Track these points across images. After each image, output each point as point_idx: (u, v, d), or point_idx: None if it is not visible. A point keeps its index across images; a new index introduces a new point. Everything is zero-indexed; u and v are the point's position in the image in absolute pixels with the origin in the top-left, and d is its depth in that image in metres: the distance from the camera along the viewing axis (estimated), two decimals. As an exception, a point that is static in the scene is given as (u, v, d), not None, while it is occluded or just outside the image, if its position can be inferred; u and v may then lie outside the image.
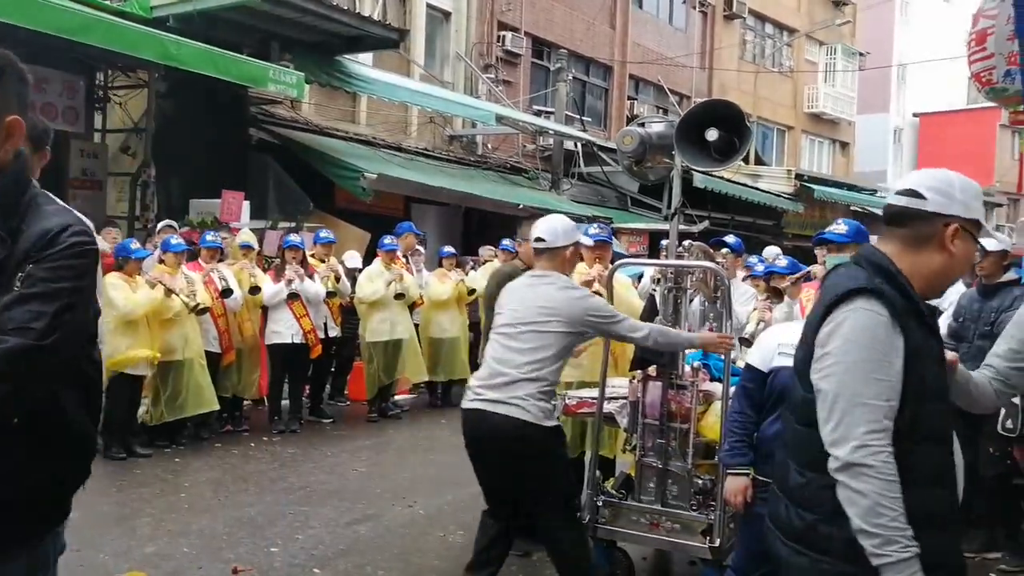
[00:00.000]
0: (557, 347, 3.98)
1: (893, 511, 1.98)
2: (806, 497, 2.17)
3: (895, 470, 2.00)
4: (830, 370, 2.08)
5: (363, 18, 12.27)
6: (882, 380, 2.03)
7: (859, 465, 2.00)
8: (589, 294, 4.27)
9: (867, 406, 2.02)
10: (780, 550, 2.24)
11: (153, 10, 9.78)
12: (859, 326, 2.06)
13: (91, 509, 5.75)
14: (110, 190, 11.12)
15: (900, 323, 2.05)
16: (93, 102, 10.89)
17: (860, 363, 2.05)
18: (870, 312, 2.06)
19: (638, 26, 21.99)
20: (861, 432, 2.01)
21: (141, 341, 7.04)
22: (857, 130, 31.53)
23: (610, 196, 18.74)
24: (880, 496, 1.98)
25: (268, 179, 11.98)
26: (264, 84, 9.77)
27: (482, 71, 17.27)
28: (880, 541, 1.97)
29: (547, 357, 3.95)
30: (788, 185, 21.47)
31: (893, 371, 2.04)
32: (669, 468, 4.33)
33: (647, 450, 4.39)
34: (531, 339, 3.97)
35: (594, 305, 4.10)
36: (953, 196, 2.14)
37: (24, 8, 7.44)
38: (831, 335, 2.11)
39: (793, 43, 28.03)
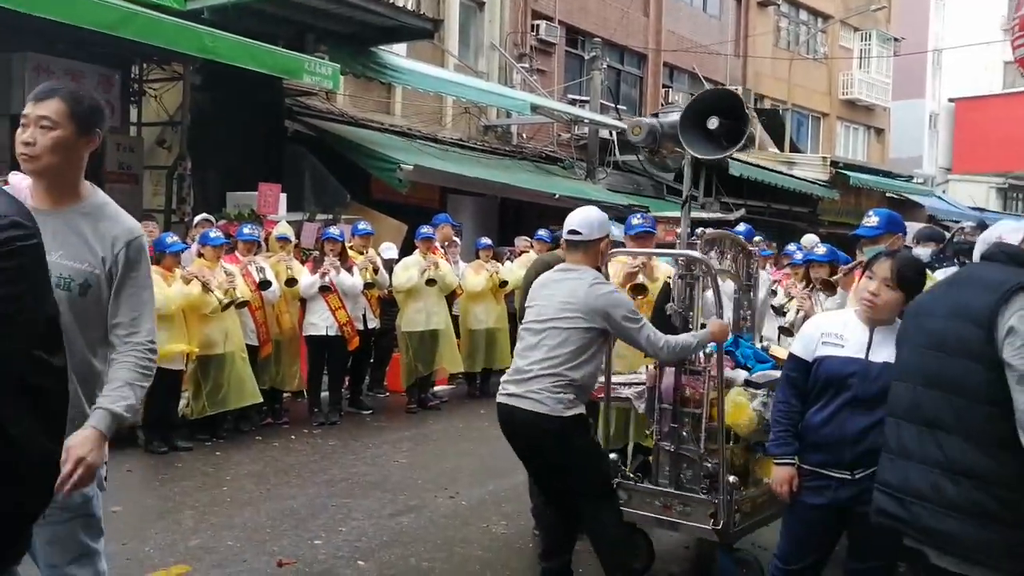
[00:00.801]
0: (578, 343, 3.95)
1: None
2: (1007, 475, 2.49)
3: None
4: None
5: (397, 8, 12.19)
6: None
7: None
8: (615, 290, 4.19)
9: None
10: (942, 527, 2.55)
11: (188, 3, 9.77)
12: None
13: (135, 503, 5.76)
14: (146, 184, 11.16)
15: None
16: (129, 96, 10.93)
17: None
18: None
19: (672, 14, 21.77)
20: None
21: (176, 335, 7.03)
22: (892, 116, 31.04)
23: (646, 184, 18.58)
24: None
25: (304, 171, 11.98)
26: (300, 76, 9.72)
27: (516, 60, 17.16)
28: None
29: (566, 353, 3.94)
30: (823, 172, 21.21)
31: None
32: (682, 452, 4.40)
33: (663, 435, 4.46)
34: (552, 336, 3.98)
35: (617, 302, 4.03)
36: None
37: (62, 3, 7.44)
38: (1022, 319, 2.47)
39: (828, 29, 27.63)
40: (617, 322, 3.98)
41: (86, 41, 9.05)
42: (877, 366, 3.20)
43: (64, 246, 2.52)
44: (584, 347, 3.97)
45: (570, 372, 3.94)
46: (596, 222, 4.20)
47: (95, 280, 2.55)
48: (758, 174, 18.42)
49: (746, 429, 4.36)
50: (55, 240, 2.45)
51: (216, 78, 10.47)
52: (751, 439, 4.51)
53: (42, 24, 7.84)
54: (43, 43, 9.48)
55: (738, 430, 4.38)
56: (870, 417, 3.15)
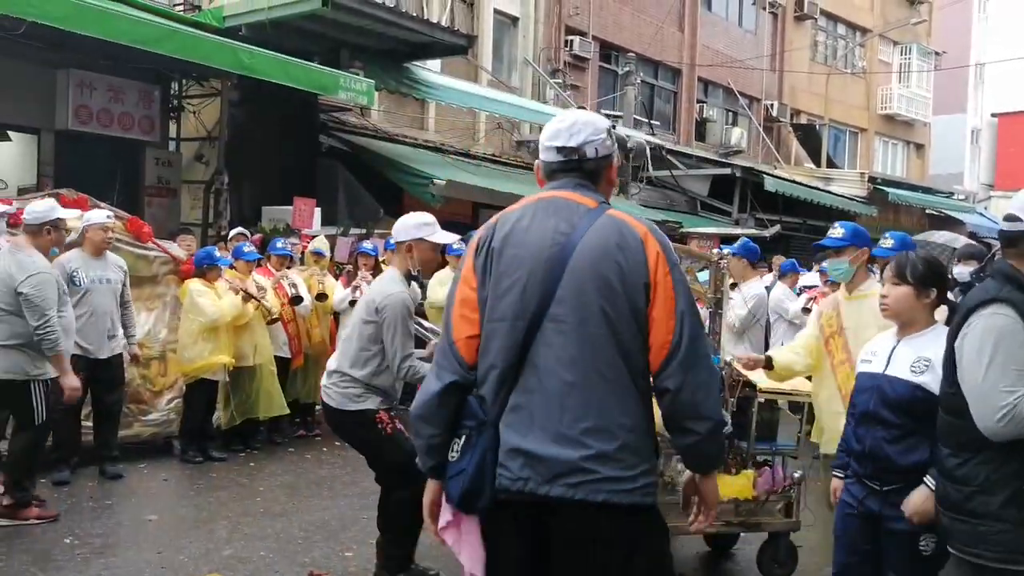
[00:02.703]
0: (362, 340, 4.37)
1: None
2: (963, 474, 2.69)
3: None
4: (967, 368, 2.60)
5: (431, 25, 12.31)
6: (1016, 370, 2.52)
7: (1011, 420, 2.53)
8: (400, 292, 4.37)
9: (1002, 392, 2.51)
10: (942, 520, 2.79)
11: (225, 20, 9.94)
12: (988, 328, 2.54)
13: (170, 512, 5.83)
14: (184, 197, 11.34)
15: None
16: (168, 111, 11.12)
17: (994, 358, 2.54)
18: (997, 316, 2.53)
19: (707, 28, 21.72)
20: (998, 405, 2.52)
21: (222, 347, 7.10)
22: (933, 131, 30.62)
23: (679, 200, 18.51)
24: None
25: (338, 186, 12.08)
26: (335, 92, 9.84)
27: (550, 76, 17.21)
28: None
29: (352, 350, 4.41)
30: (861, 188, 21.01)
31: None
32: None
33: None
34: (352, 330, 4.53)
35: (393, 304, 4.33)
36: None
37: (104, 21, 7.62)
38: (964, 338, 2.62)
39: (866, 43, 27.39)
40: (383, 320, 4.27)
41: (127, 58, 9.23)
42: (892, 380, 3.14)
43: None
44: (367, 345, 4.32)
45: (352, 370, 4.34)
46: (401, 228, 4.47)
47: None
48: (794, 190, 18.28)
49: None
50: None
51: (253, 94, 10.62)
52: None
53: (85, 41, 8.03)
54: (86, 60, 9.69)
55: None
56: (886, 432, 3.11)
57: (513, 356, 2.32)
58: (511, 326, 2.33)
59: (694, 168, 18.40)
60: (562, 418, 2.28)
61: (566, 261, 2.31)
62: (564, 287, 2.30)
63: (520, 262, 2.35)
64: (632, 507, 2.29)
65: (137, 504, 5.92)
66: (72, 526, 5.34)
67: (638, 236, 2.32)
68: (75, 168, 9.55)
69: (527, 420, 2.30)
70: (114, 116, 10.25)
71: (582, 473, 2.25)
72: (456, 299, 2.44)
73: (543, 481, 2.27)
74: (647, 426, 2.36)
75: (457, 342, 2.41)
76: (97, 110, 10.04)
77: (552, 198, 2.43)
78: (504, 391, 2.34)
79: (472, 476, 2.32)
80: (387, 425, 4.42)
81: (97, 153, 10.28)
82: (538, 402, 2.30)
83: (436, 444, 2.42)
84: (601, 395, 2.28)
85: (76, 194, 6.79)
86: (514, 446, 2.30)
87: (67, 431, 6.22)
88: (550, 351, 2.30)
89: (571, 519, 2.29)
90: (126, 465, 6.62)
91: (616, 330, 2.28)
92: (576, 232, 2.33)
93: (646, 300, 2.30)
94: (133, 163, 10.68)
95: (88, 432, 6.55)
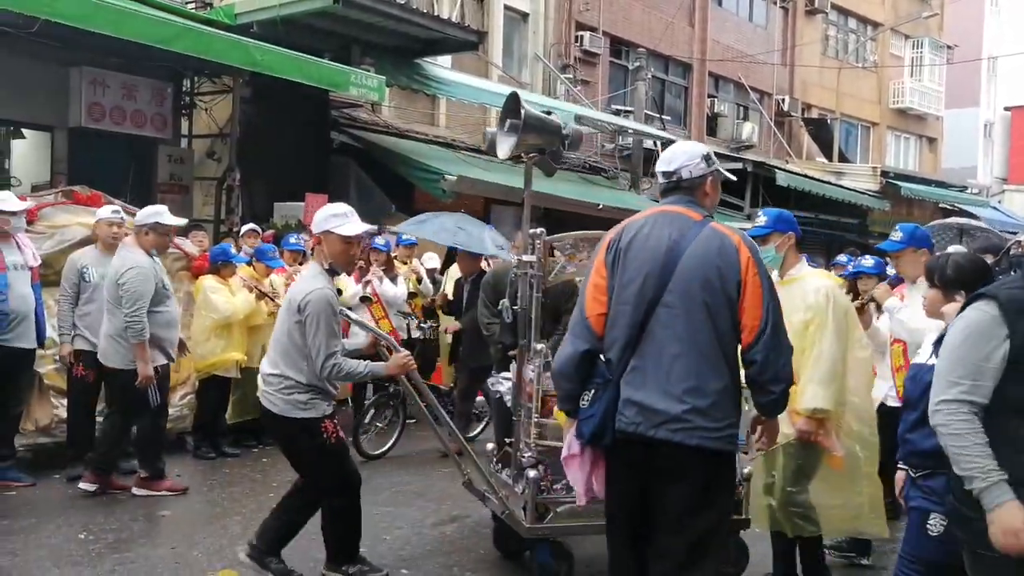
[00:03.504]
0: (293, 340, 4.20)
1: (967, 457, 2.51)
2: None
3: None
4: (940, 355, 2.71)
5: (442, 21, 12.31)
6: (970, 363, 2.54)
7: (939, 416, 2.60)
8: (324, 287, 4.20)
9: (952, 384, 2.56)
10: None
11: (237, 17, 9.96)
12: (964, 323, 2.59)
13: (185, 507, 5.85)
14: (196, 194, 11.37)
15: (1010, 320, 2.50)
16: (180, 108, 11.16)
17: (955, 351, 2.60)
18: (977, 311, 2.57)
19: (717, 23, 21.66)
20: (940, 399, 2.58)
21: (235, 344, 7.12)
22: (945, 125, 30.46)
23: (690, 196, 18.45)
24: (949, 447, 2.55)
25: (349, 182, 12.11)
26: (346, 88, 9.85)
27: (560, 71, 17.19)
28: (967, 482, 2.51)
29: (281, 349, 4.29)
30: (873, 183, 20.93)
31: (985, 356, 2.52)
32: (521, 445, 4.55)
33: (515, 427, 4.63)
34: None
35: (316, 301, 4.18)
36: None
37: (117, 19, 7.64)
38: (951, 328, 2.72)
39: (878, 37, 27.25)
40: (305, 318, 4.10)
41: (140, 55, 9.26)
42: (923, 368, 3.21)
43: None
44: (301, 344, 4.15)
45: (293, 373, 4.19)
46: (317, 218, 4.30)
47: None
48: (806, 184, 18.23)
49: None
50: None
51: (265, 91, 10.64)
52: None
53: (97, 39, 8.05)
54: (99, 58, 9.72)
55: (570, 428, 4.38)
56: (912, 415, 3.18)
57: (634, 331, 3.06)
58: (633, 309, 3.07)
59: (705, 163, 18.32)
60: (668, 379, 3.01)
61: (677, 261, 3.04)
62: (675, 281, 3.02)
63: (642, 260, 3.08)
64: (716, 451, 3.03)
65: (150, 500, 5.95)
66: (86, 521, 5.37)
67: (734, 244, 3.04)
68: (88, 165, 9.60)
69: (641, 379, 3.04)
70: (127, 113, 10.29)
71: (681, 422, 2.97)
72: (589, 285, 3.20)
73: (651, 426, 3.01)
74: (733, 390, 3.07)
75: (590, 318, 3.16)
76: (110, 107, 10.08)
77: (666, 212, 3.19)
78: (625, 357, 3.08)
79: (599, 420, 3.07)
80: (332, 435, 4.29)
81: (110, 150, 10.33)
82: (651, 366, 3.03)
83: (573, 394, 3.18)
84: (699, 364, 3.00)
85: (89, 191, 6.83)
86: (631, 398, 3.05)
87: (82, 429, 6.27)
88: (662, 329, 3.03)
89: (669, 457, 3.02)
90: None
91: (713, 316, 3.00)
92: (685, 239, 3.06)
93: (738, 293, 3.01)
94: (146, 160, 10.72)
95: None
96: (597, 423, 3.08)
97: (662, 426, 2.98)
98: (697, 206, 3.20)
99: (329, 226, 4.20)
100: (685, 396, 2.98)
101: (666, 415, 2.98)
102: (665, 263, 3.04)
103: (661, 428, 2.98)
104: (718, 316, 3.01)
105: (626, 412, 3.04)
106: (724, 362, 3.04)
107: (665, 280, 3.03)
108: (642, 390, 3.02)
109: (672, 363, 3.00)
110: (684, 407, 2.97)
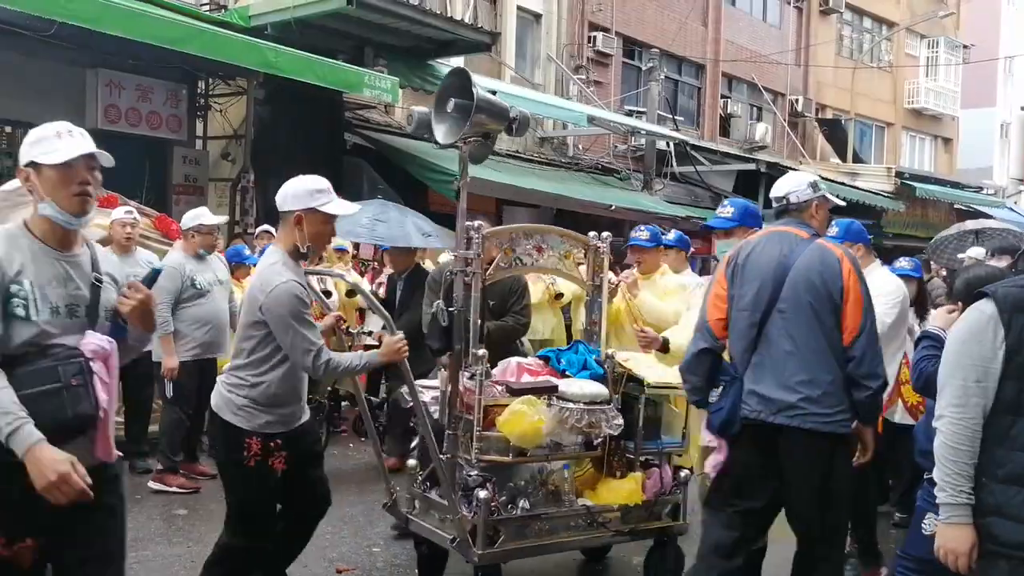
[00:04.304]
0: (252, 343, 3.63)
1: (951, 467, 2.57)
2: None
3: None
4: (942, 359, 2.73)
5: (455, 22, 12.34)
6: (973, 364, 2.55)
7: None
8: (288, 280, 3.53)
9: (959, 389, 2.57)
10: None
11: (251, 19, 10.02)
12: (965, 323, 2.64)
13: (200, 506, 5.89)
14: (211, 195, 11.42)
15: (1007, 318, 2.51)
16: (195, 110, 11.22)
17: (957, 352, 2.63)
18: (975, 311, 2.60)
19: (731, 23, 21.61)
20: (950, 405, 2.59)
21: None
22: (961, 126, 30.30)
23: (703, 196, 18.42)
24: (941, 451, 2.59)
25: (363, 183, 12.13)
26: (360, 90, 9.89)
27: (573, 72, 17.19)
28: (938, 488, 2.59)
29: (243, 352, 3.69)
30: (888, 183, 20.81)
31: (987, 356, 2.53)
32: (459, 461, 4.08)
33: (447, 441, 4.14)
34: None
35: (279, 297, 3.53)
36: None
37: (132, 21, 7.70)
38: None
39: (893, 37, 27.12)
40: (272, 321, 3.49)
41: (155, 57, 9.32)
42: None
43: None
44: (258, 347, 3.58)
45: (246, 373, 3.59)
46: (291, 191, 3.68)
47: None
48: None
49: (528, 441, 4.01)
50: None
51: (279, 92, 10.68)
52: (551, 455, 4.20)
53: (113, 42, 8.11)
54: (114, 60, 9.79)
55: (518, 441, 4.00)
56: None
57: (753, 333, 3.53)
58: (751, 314, 3.53)
59: (718, 164, 18.32)
60: (784, 373, 3.45)
61: (787, 273, 3.48)
62: (786, 290, 3.47)
63: (757, 273, 3.54)
64: (829, 434, 3.41)
65: (167, 498, 5.99)
66: (103, 520, 5.40)
67: (836, 256, 3.48)
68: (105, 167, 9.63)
69: (761, 374, 3.50)
70: (142, 115, 10.36)
71: (796, 409, 3.40)
72: (711, 295, 3.68)
73: (770, 413, 3.45)
74: (841, 381, 3.43)
75: (711, 322, 3.62)
76: (126, 109, 10.16)
77: (777, 231, 3.66)
78: (747, 356, 3.55)
79: (727, 413, 3.54)
80: (253, 456, 3.57)
81: (126, 152, 10.25)
82: (768, 363, 3.49)
83: (698, 386, 3.65)
84: (809, 360, 3.42)
85: (105, 192, 6.87)
86: (753, 390, 3.51)
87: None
88: (776, 331, 3.49)
89: (789, 440, 3.44)
90: (156, 460, 6.69)
91: (820, 318, 3.42)
92: (794, 254, 3.51)
93: (841, 299, 3.41)
94: (161, 161, 10.79)
95: (119, 427, 6.63)
96: (726, 415, 3.54)
97: (779, 413, 3.42)
98: (805, 226, 3.63)
99: (315, 203, 3.61)
100: (799, 387, 3.40)
101: (783, 403, 3.42)
102: (777, 274, 3.48)
103: (779, 415, 3.42)
104: (824, 319, 3.42)
105: (749, 402, 3.50)
106: (832, 358, 3.42)
107: (777, 289, 3.47)
108: (762, 383, 3.48)
109: (786, 359, 3.44)
110: (798, 396, 3.39)
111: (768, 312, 3.49)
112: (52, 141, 2.71)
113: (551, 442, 4.07)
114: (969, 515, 2.53)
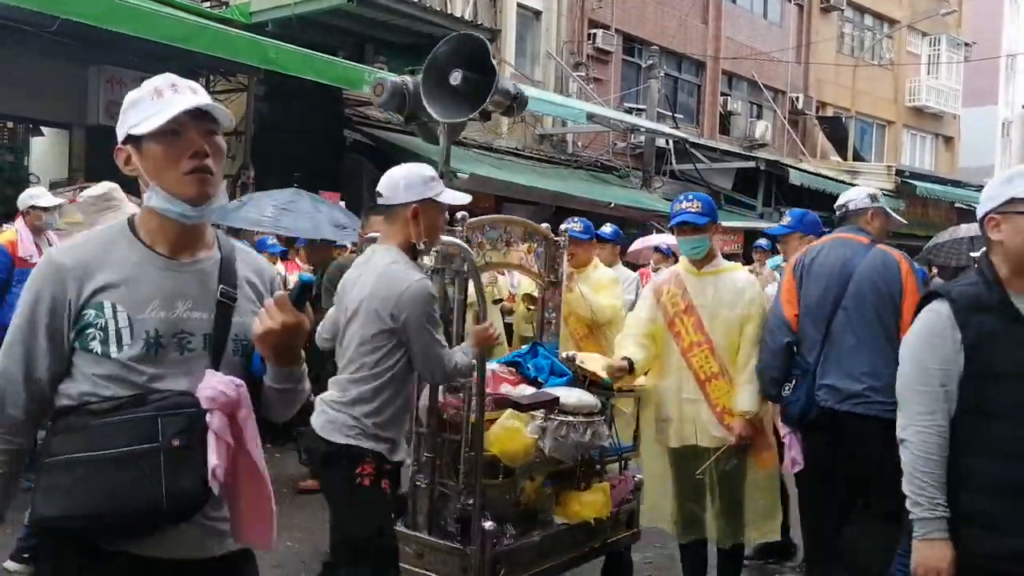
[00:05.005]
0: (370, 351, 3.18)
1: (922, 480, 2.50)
2: None
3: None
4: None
5: (455, 19, 12.36)
6: (936, 369, 2.51)
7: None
8: (422, 277, 3.18)
9: (922, 395, 2.53)
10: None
11: (253, 16, 10.06)
12: (920, 324, 2.61)
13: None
14: (212, 191, 11.45)
15: (962, 318, 2.47)
16: (196, 106, 11.23)
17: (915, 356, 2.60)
18: (930, 312, 2.57)
19: (731, 21, 21.60)
20: (915, 413, 2.55)
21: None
22: (962, 124, 30.27)
23: (703, 194, 18.45)
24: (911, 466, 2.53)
25: (362, 179, 12.16)
26: (360, 86, 9.91)
27: (573, 69, 17.21)
28: (911, 503, 2.51)
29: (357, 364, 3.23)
30: (888, 182, 20.82)
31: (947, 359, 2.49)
32: (441, 488, 3.65)
33: (419, 465, 3.67)
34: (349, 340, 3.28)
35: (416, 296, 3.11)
36: (988, 191, 2.54)
37: (134, 18, 7.72)
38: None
39: (894, 35, 27.10)
40: (406, 325, 3.08)
41: (156, 54, 9.34)
42: None
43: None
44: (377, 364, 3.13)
45: (356, 406, 3.13)
46: (403, 181, 3.20)
47: None
48: (819, 183, 18.16)
49: (520, 459, 3.73)
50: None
51: (279, 89, 10.72)
52: (534, 472, 3.90)
53: (115, 38, 8.14)
54: (116, 56, 9.82)
55: (509, 461, 3.71)
56: None
57: (822, 329, 3.79)
58: (818, 313, 3.81)
59: (718, 161, 18.34)
60: (850, 365, 3.71)
61: (850, 275, 3.77)
62: (849, 291, 3.76)
63: (823, 276, 3.85)
64: (891, 421, 3.19)
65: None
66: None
67: (896, 260, 3.76)
68: (106, 162, 9.52)
69: (829, 367, 3.76)
70: (143, 112, 10.38)
71: (861, 398, 3.65)
72: (784, 292, 3.98)
73: (837, 401, 3.71)
74: None
75: (788, 317, 3.89)
76: (127, 105, 10.18)
77: (840, 238, 3.98)
78: (817, 350, 3.80)
79: (804, 403, 3.79)
80: (367, 477, 3.14)
81: (126, 148, 10.41)
82: (835, 356, 3.75)
83: (777, 379, 3.88)
84: (872, 353, 3.66)
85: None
86: (823, 382, 3.77)
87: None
88: (842, 328, 3.75)
89: (854, 426, 3.67)
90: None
91: (880, 316, 3.69)
92: (856, 257, 3.81)
93: (900, 297, 3.67)
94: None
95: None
96: (803, 405, 3.80)
97: (846, 401, 3.67)
98: (864, 232, 3.93)
99: (431, 192, 3.17)
100: (863, 377, 3.65)
101: (849, 392, 3.67)
102: (840, 276, 3.78)
103: (846, 403, 3.67)
104: (884, 317, 3.68)
105: (820, 392, 3.75)
106: (892, 352, 3.47)
107: (842, 290, 3.76)
108: (831, 375, 3.74)
109: (851, 353, 3.70)
110: (863, 386, 3.64)
111: (834, 310, 3.77)
112: (149, 104, 1.93)
113: (536, 459, 3.79)
114: (945, 529, 2.46)
